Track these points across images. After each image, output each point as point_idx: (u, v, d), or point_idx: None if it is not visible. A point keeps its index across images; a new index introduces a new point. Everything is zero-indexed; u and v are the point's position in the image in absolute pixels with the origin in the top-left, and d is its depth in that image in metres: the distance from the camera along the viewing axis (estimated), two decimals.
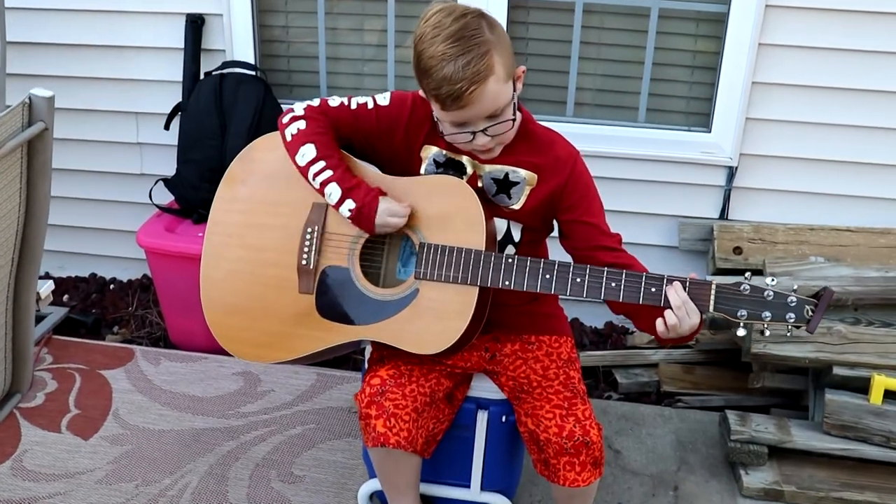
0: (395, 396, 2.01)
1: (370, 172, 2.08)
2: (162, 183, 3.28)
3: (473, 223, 1.97)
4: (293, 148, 2.03)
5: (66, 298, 3.62)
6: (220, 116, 3.16)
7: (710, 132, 3.18)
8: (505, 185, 2.04)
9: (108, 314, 3.54)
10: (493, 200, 2.05)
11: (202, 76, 3.27)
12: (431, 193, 2.01)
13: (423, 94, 1.95)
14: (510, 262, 1.94)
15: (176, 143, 3.27)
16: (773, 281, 1.82)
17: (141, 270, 3.70)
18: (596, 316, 3.45)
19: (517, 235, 2.09)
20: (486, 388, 2.22)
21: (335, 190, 1.99)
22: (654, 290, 1.87)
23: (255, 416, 2.88)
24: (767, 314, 1.82)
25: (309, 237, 2.07)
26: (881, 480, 2.63)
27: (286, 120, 2.06)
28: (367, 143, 2.09)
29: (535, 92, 3.20)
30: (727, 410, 2.76)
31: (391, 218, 1.98)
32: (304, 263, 2.07)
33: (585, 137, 3.06)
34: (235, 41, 3.29)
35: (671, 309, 1.84)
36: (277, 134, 2.10)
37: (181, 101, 3.27)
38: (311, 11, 3.30)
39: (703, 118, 3.20)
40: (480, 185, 2.05)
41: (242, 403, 2.94)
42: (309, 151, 2.01)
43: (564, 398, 2.05)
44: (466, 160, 2.04)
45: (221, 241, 2.16)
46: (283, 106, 3.24)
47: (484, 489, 2.32)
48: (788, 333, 1.85)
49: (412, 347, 1.98)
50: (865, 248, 3.03)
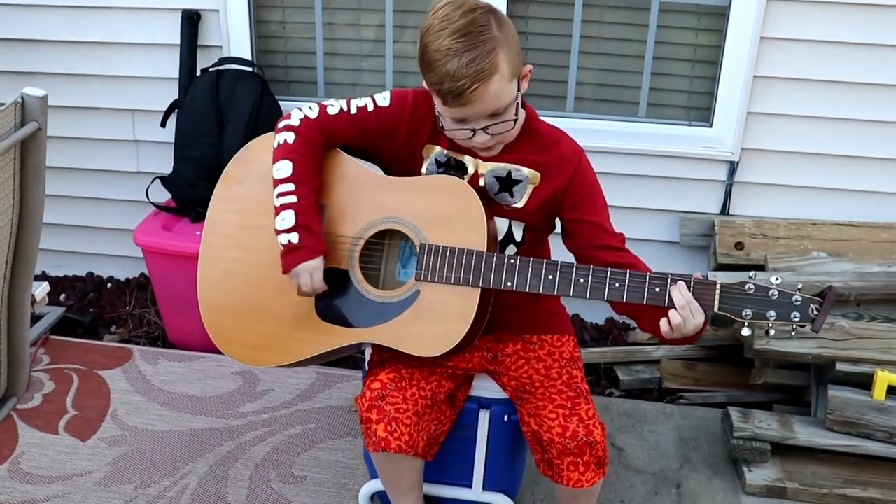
0: (395, 400, 1.99)
1: (370, 174, 2.05)
2: (159, 181, 3.25)
3: (474, 224, 1.94)
4: (275, 157, 2.01)
5: (62, 298, 3.60)
6: (217, 114, 3.13)
7: (711, 127, 3.15)
8: (507, 183, 2.02)
9: (105, 313, 3.51)
10: (494, 199, 2.03)
11: (199, 73, 3.24)
12: (432, 193, 1.98)
13: (425, 85, 1.91)
14: (512, 262, 1.91)
15: (173, 140, 3.24)
16: (777, 280, 1.80)
17: (138, 269, 3.68)
18: (597, 312, 3.43)
19: (519, 235, 2.07)
20: (487, 387, 2.21)
21: (290, 218, 1.96)
22: (657, 290, 1.85)
23: (254, 415, 2.86)
24: (772, 313, 1.80)
25: None
26: (884, 477, 2.62)
27: (281, 125, 2.04)
28: (368, 146, 2.06)
29: (534, 87, 3.15)
30: (729, 407, 2.75)
31: (305, 276, 1.97)
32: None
33: (586, 132, 3.03)
34: (232, 37, 3.26)
35: (675, 309, 1.82)
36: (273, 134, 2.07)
37: (178, 98, 3.24)
38: (308, 6, 3.27)
39: (704, 112, 3.18)
40: (482, 183, 2.02)
41: (241, 403, 2.92)
42: (285, 168, 1.99)
43: (567, 398, 2.04)
44: (469, 159, 2.02)
45: (218, 241, 2.14)
46: (280, 102, 3.22)
47: (486, 489, 2.31)
48: (793, 333, 1.83)
49: (413, 350, 1.96)
50: (867, 242, 3.02)
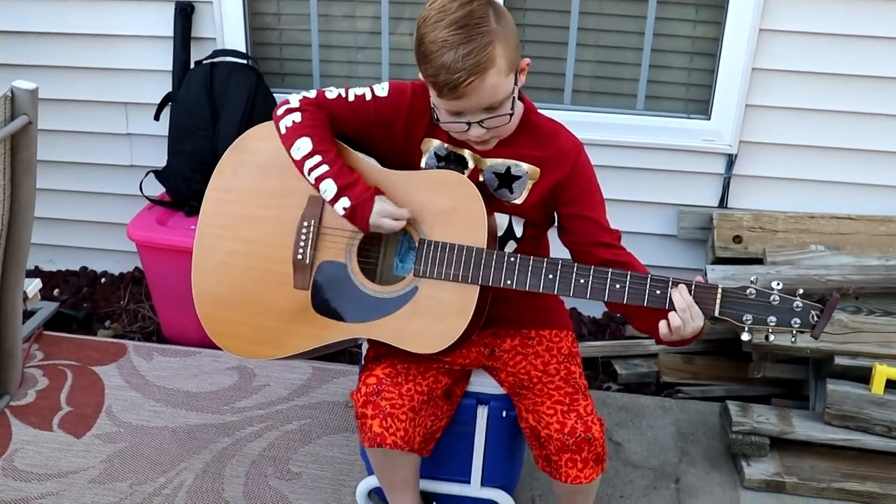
0: (391, 396, 1.97)
1: (369, 166, 2.03)
2: (153, 175, 3.22)
3: (475, 220, 1.92)
4: (288, 140, 1.98)
5: (56, 293, 3.58)
6: (211, 106, 3.11)
7: (709, 119, 3.14)
8: (507, 179, 2.00)
9: (99, 308, 3.49)
10: (494, 195, 2.01)
11: (192, 65, 3.21)
12: (432, 189, 1.96)
13: (422, 77, 1.89)
14: (512, 260, 1.89)
15: (166, 133, 3.21)
16: (778, 285, 1.79)
17: (133, 263, 3.66)
18: (594, 306, 3.42)
19: (519, 230, 2.05)
20: (485, 383, 2.19)
21: (331, 186, 1.94)
22: (658, 292, 1.83)
23: (250, 411, 2.84)
24: (773, 319, 1.79)
25: (305, 231, 2.02)
26: (883, 470, 2.62)
27: (281, 112, 2.01)
28: (365, 136, 2.04)
29: (532, 79, 3.11)
30: (728, 401, 2.74)
31: (385, 220, 1.93)
32: (299, 258, 2.02)
33: (583, 125, 3.00)
34: (226, 29, 3.23)
35: (675, 311, 1.80)
36: (272, 123, 2.04)
37: (171, 90, 3.21)
38: None
39: (702, 105, 3.16)
40: (482, 179, 2.00)
41: (237, 399, 2.90)
42: (304, 145, 1.96)
43: (566, 394, 2.02)
44: (468, 154, 2.00)
45: (214, 233, 2.11)
46: (275, 95, 3.19)
47: (484, 485, 2.29)
48: (794, 339, 1.82)
49: (411, 346, 1.94)
50: (866, 235, 3.01)
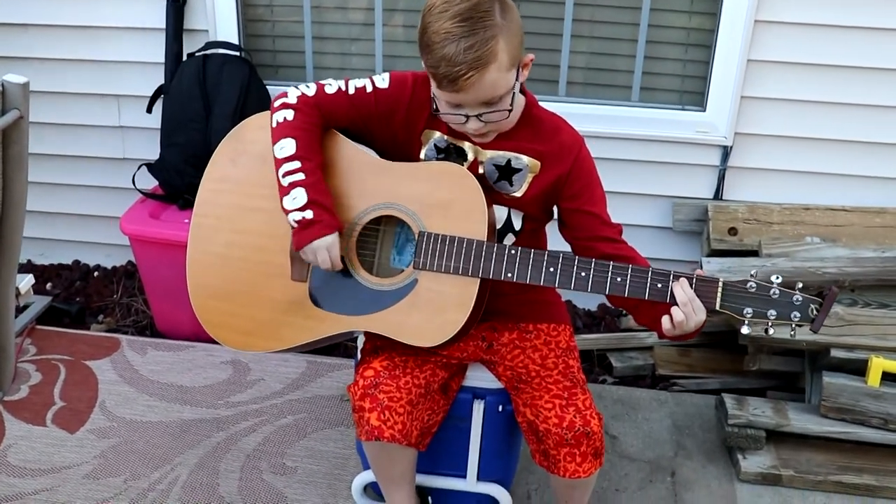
0: (389, 389, 1.96)
1: (368, 157, 2.01)
2: (145, 168, 3.20)
3: (475, 212, 1.91)
4: (275, 136, 1.97)
5: (48, 286, 3.55)
6: (204, 99, 3.09)
7: (704, 111, 3.13)
8: (507, 171, 1.98)
9: (92, 302, 3.47)
10: (493, 187, 2.00)
11: (185, 57, 3.19)
12: (432, 180, 1.95)
13: (424, 66, 1.88)
14: (513, 253, 1.88)
15: (159, 126, 3.19)
16: (777, 279, 1.79)
17: (125, 257, 3.64)
18: (589, 298, 3.41)
19: (518, 223, 2.04)
20: (482, 377, 2.18)
21: (301, 195, 1.91)
22: (660, 286, 1.82)
23: (244, 405, 2.83)
24: (773, 313, 1.79)
25: None
26: (879, 463, 2.62)
27: (277, 104, 1.99)
28: (365, 127, 2.02)
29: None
30: (724, 394, 2.74)
31: (324, 252, 1.91)
32: (296, 250, 2.01)
33: (578, 117, 2.96)
34: (219, 21, 3.20)
35: (677, 306, 1.80)
36: (269, 113, 2.03)
37: (164, 83, 3.19)
38: None
39: (697, 97, 3.15)
40: (482, 171, 1.99)
41: (232, 393, 2.89)
42: (288, 146, 1.94)
43: (564, 388, 2.01)
44: (468, 146, 1.98)
45: (210, 223, 2.10)
46: (268, 87, 3.17)
47: (480, 479, 2.28)
48: (793, 333, 1.82)
49: (410, 340, 1.93)
50: (861, 227, 3.01)
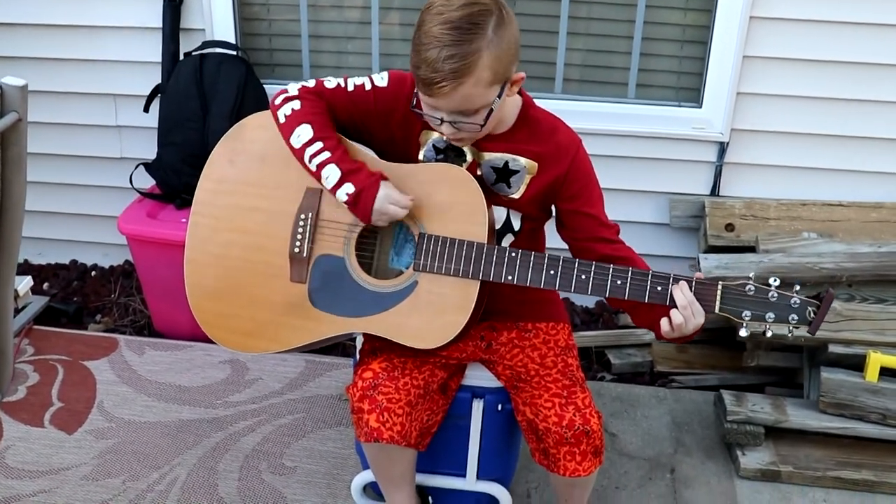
0: (387, 390, 1.96)
1: (368, 157, 2.00)
2: (143, 167, 3.20)
3: (475, 215, 1.90)
4: (287, 129, 1.95)
5: (46, 286, 3.55)
6: (201, 98, 3.08)
7: (700, 107, 3.13)
8: (504, 173, 1.98)
9: (89, 302, 3.47)
10: (492, 189, 1.99)
11: (182, 57, 3.18)
12: (433, 182, 1.94)
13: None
14: (513, 256, 1.88)
15: (156, 125, 3.19)
16: (775, 282, 1.80)
17: (123, 256, 3.63)
18: (587, 296, 3.40)
19: (517, 224, 2.04)
20: (480, 376, 2.18)
21: (333, 172, 1.90)
22: (659, 288, 1.83)
23: (243, 405, 2.83)
24: (771, 315, 1.79)
25: (302, 224, 2.00)
26: (878, 458, 2.62)
27: (279, 101, 1.98)
28: (363, 126, 2.01)
29: (522, 69, 3.11)
30: (722, 390, 2.74)
31: (391, 206, 1.89)
32: (296, 251, 2.01)
33: (574, 114, 2.97)
34: (215, 20, 3.20)
35: (677, 309, 1.80)
36: (269, 112, 2.01)
37: (160, 82, 3.19)
38: None
39: (693, 93, 3.15)
40: (479, 173, 1.99)
41: (230, 393, 2.89)
42: (305, 132, 1.93)
43: (563, 386, 2.02)
44: (467, 147, 1.98)
45: (208, 223, 2.09)
46: (265, 86, 3.17)
47: (480, 478, 2.28)
48: (790, 335, 1.83)
49: (410, 342, 1.93)
50: (857, 222, 3.02)
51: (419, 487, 2.28)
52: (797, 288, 1.81)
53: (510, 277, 1.89)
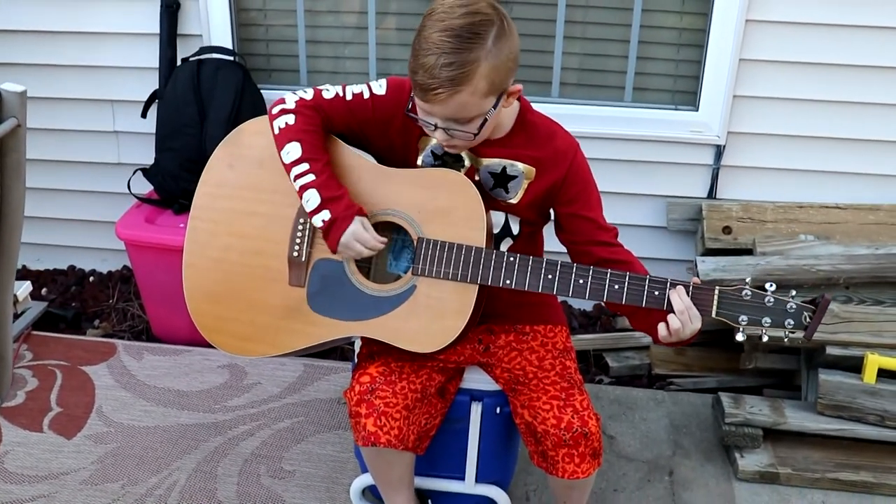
0: (385, 394, 1.96)
1: (367, 164, 2.01)
2: (140, 172, 3.20)
3: (473, 219, 1.91)
4: (280, 143, 1.96)
5: (44, 292, 3.55)
6: (198, 104, 3.09)
7: (697, 111, 3.13)
8: (502, 179, 1.99)
9: (88, 307, 3.47)
10: (490, 194, 2.00)
11: (179, 62, 3.19)
12: (431, 187, 1.95)
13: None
14: (511, 260, 1.89)
15: (154, 131, 3.19)
16: (772, 287, 1.81)
17: (121, 261, 3.63)
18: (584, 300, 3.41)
19: (515, 228, 2.05)
20: (479, 379, 2.19)
21: (314, 197, 1.91)
22: (657, 293, 1.84)
23: (242, 409, 2.83)
24: (767, 320, 1.80)
25: (301, 228, 2.01)
26: (876, 460, 2.63)
27: (276, 111, 1.99)
28: (362, 134, 2.02)
29: (519, 73, 3.08)
30: (720, 393, 2.75)
31: (357, 243, 1.90)
32: (295, 255, 2.01)
33: (571, 118, 2.98)
34: (212, 25, 3.21)
35: (674, 314, 1.81)
36: (267, 118, 2.02)
37: (158, 88, 3.19)
38: None
39: (690, 96, 3.16)
40: (477, 178, 1.99)
41: (229, 397, 2.89)
42: (294, 150, 1.94)
43: (561, 389, 2.02)
44: (465, 153, 1.98)
45: (207, 227, 2.09)
46: (262, 91, 3.17)
47: (479, 481, 2.29)
48: (786, 340, 1.83)
49: (408, 346, 1.94)
50: (854, 224, 3.02)
51: (418, 490, 2.28)
52: (793, 293, 1.82)
53: (508, 282, 1.89)
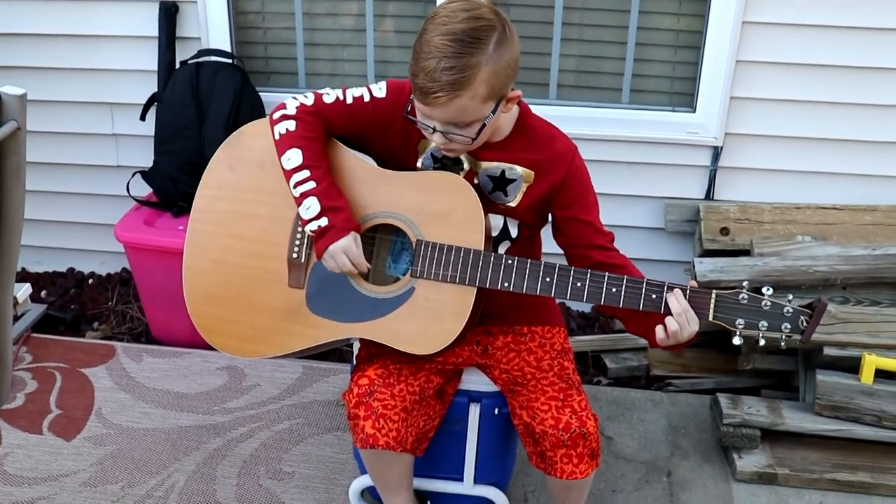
0: (383, 397, 1.97)
1: (367, 166, 2.02)
2: (139, 175, 3.21)
3: (472, 221, 1.91)
4: (280, 149, 1.97)
5: (43, 294, 3.56)
6: (197, 106, 3.09)
7: (694, 112, 3.14)
8: (501, 182, 1.99)
9: (87, 310, 3.47)
10: (489, 198, 2.00)
11: (178, 65, 3.19)
12: (431, 189, 1.95)
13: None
14: (510, 263, 1.89)
15: (153, 134, 3.20)
16: (769, 290, 1.81)
17: (120, 264, 3.64)
18: (581, 302, 3.42)
19: (514, 231, 2.05)
20: (477, 380, 2.19)
21: (314, 205, 1.91)
22: (654, 296, 1.84)
23: (241, 411, 2.84)
24: (764, 324, 1.80)
25: (301, 230, 2.01)
26: (874, 460, 2.63)
27: (277, 116, 1.99)
28: (362, 136, 2.03)
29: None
30: (718, 394, 2.75)
31: (344, 256, 1.91)
32: (294, 256, 2.02)
33: (569, 120, 3.03)
34: (211, 28, 3.21)
35: (672, 316, 1.81)
36: (268, 120, 2.03)
37: (157, 91, 3.20)
38: None
39: (687, 98, 3.17)
40: (476, 181, 2.00)
41: (228, 399, 2.90)
42: (295, 157, 1.94)
43: (560, 389, 2.03)
44: (464, 156, 1.99)
45: (207, 229, 2.10)
46: (261, 94, 3.18)
47: (477, 482, 2.30)
48: (783, 344, 1.83)
49: (407, 347, 1.94)
50: (851, 225, 3.02)
51: (417, 492, 2.29)
52: (790, 297, 1.82)
53: (506, 284, 1.90)
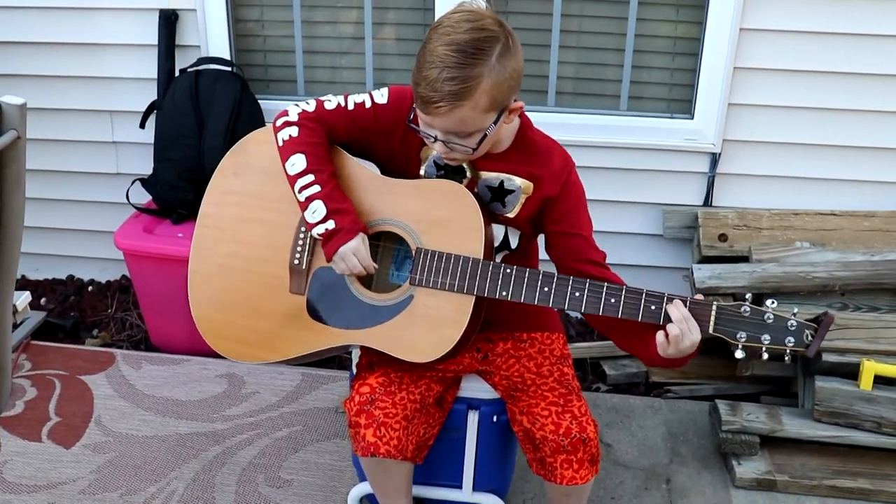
0: (384, 405, 1.97)
1: (369, 173, 2.02)
2: (139, 183, 3.21)
3: (472, 230, 1.92)
4: (284, 155, 1.97)
5: (43, 301, 3.56)
6: (196, 114, 3.10)
7: (692, 119, 3.15)
8: (499, 193, 1.99)
9: (86, 317, 3.48)
10: (487, 207, 2.00)
11: (177, 73, 3.20)
12: (432, 197, 1.96)
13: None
14: (508, 272, 1.90)
15: (152, 141, 3.20)
16: (773, 303, 1.79)
17: (120, 271, 3.64)
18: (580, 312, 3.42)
19: (515, 241, 2.05)
20: (476, 388, 2.19)
21: (320, 207, 1.92)
22: (653, 307, 1.83)
23: (240, 419, 2.84)
24: (767, 337, 1.78)
25: (303, 236, 2.02)
26: (873, 466, 2.63)
27: (279, 123, 2.00)
28: (364, 143, 2.03)
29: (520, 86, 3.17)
30: (717, 400, 2.76)
31: (354, 258, 1.91)
32: (296, 263, 2.03)
33: (567, 127, 3.04)
34: (210, 36, 3.22)
35: (673, 322, 1.80)
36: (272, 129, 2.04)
37: (156, 98, 3.21)
38: (286, 4, 3.24)
39: (685, 105, 3.17)
40: (476, 191, 2.00)
41: (227, 406, 2.90)
42: (299, 162, 1.95)
43: (560, 395, 2.03)
44: (466, 165, 1.99)
45: (212, 234, 2.11)
46: (260, 102, 3.19)
47: (476, 489, 2.29)
48: (787, 359, 1.81)
49: (405, 355, 1.94)
50: (850, 231, 3.03)
51: (416, 499, 2.29)
52: (795, 310, 1.79)
53: (505, 293, 1.90)
